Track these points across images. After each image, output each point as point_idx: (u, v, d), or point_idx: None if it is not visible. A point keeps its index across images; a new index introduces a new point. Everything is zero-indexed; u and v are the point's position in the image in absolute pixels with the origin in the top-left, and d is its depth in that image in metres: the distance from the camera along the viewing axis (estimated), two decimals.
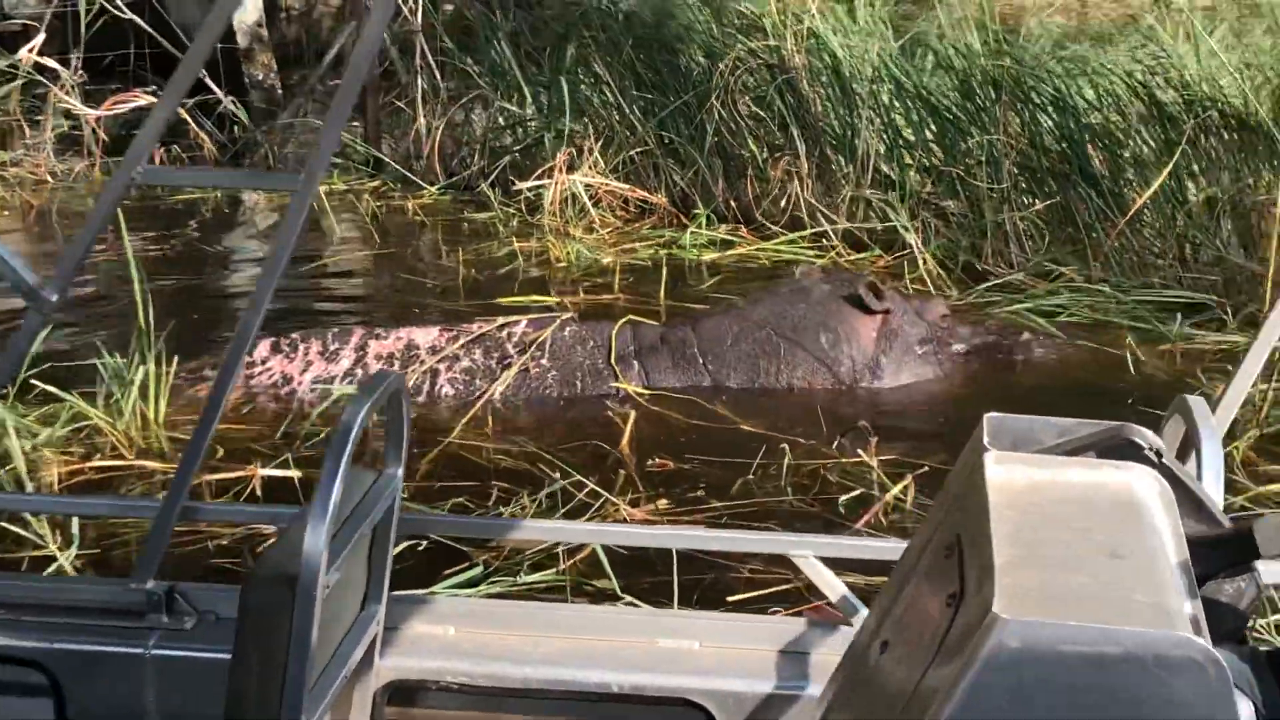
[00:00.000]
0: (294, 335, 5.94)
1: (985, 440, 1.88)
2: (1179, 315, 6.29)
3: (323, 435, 5.25)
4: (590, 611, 3.01)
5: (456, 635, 2.74)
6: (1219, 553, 1.86)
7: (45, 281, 2.41)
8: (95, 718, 2.58)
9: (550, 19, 9.60)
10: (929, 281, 6.89)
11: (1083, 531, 1.73)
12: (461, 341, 5.87)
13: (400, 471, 2.57)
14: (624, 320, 6.00)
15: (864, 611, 2.72)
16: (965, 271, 7.04)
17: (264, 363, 5.82)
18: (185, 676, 2.57)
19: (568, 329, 5.94)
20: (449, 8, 10.08)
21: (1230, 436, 5.13)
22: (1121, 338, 6.16)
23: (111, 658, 2.56)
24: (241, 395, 5.66)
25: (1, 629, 2.58)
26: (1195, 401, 2.22)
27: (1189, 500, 1.86)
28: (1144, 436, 1.91)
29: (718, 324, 5.96)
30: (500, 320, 5.98)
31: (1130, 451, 1.91)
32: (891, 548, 2.70)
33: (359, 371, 5.76)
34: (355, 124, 9.66)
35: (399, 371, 4.44)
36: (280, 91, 10.67)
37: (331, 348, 5.86)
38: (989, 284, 6.78)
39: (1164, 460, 1.89)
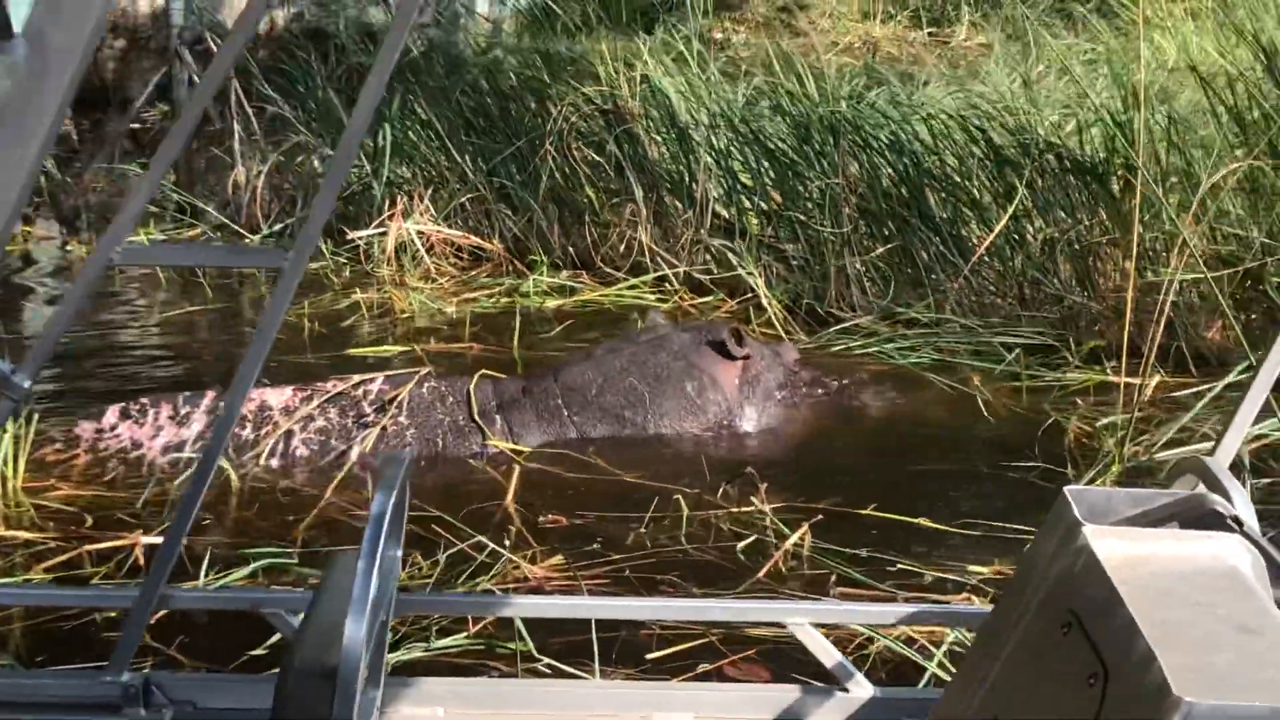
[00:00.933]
0: (143, 400, 5.67)
1: (1076, 514, 1.88)
2: (1022, 353, 6.47)
3: None
4: (581, 687, 2.94)
5: (447, 717, 2.66)
6: None
7: (17, 369, 2.24)
8: None
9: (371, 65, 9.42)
10: (777, 325, 6.95)
11: (1202, 606, 1.74)
12: (316, 401, 5.69)
13: (400, 553, 2.49)
14: (479, 374, 5.89)
15: (858, 676, 2.70)
16: (809, 315, 7.12)
17: (113, 429, 5.54)
18: None
19: (425, 385, 5.80)
20: (263, 53, 9.82)
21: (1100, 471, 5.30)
22: (968, 376, 6.32)
23: None
24: (90, 461, 5.39)
25: None
26: (1212, 463, 2.25)
27: (1272, 566, 1.90)
28: (1223, 506, 1.94)
29: (580, 374, 5.89)
30: (356, 378, 5.82)
31: (1211, 520, 1.93)
32: (885, 611, 2.69)
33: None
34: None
35: (407, 453, 4.25)
36: (76, 137, 10.27)
37: (183, 412, 5.61)
38: (838, 327, 6.87)
39: (1244, 529, 1.92)
